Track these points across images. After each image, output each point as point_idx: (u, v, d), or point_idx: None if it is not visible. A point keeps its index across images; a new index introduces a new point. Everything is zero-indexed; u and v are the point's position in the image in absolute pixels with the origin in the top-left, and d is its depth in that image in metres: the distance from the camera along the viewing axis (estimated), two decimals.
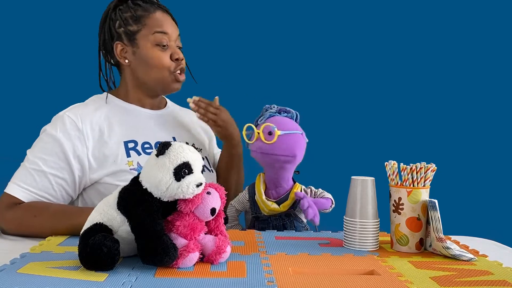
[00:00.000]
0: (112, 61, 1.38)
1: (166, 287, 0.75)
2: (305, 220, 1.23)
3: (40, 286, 0.75)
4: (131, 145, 1.28)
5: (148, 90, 1.36)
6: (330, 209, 1.20)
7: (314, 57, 2.11)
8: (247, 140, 1.20)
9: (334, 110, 2.07)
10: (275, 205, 1.18)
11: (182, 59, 1.34)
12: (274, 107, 1.22)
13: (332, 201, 1.21)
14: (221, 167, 1.46)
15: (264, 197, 1.20)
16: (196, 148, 1.38)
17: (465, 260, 0.96)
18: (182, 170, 0.84)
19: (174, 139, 1.36)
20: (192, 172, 0.85)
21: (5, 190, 1.20)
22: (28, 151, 1.25)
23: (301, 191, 1.20)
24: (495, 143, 2.11)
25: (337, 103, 2.09)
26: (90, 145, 1.24)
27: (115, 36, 1.33)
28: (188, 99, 1.36)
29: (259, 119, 1.21)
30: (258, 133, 1.16)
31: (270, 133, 1.15)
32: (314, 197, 1.21)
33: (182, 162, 0.84)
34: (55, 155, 1.22)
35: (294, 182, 1.22)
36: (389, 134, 2.05)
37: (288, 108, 1.22)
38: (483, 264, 0.93)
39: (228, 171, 1.43)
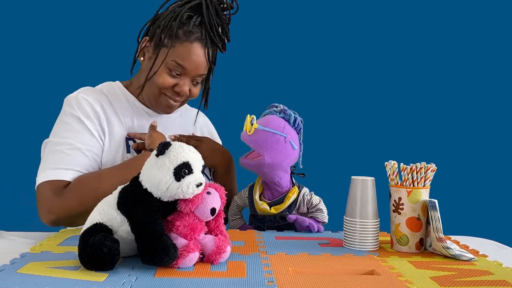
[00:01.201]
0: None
1: (166, 287, 0.75)
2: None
3: (40, 286, 0.75)
4: (131, 143, 1.28)
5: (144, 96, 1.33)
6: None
7: (314, 57, 2.11)
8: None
9: (334, 110, 2.07)
10: (265, 206, 1.18)
11: (184, 95, 1.29)
12: (279, 106, 1.22)
13: (324, 223, 1.20)
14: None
15: (256, 196, 1.20)
16: None
17: (465, 260, 0.96)
18: (182, 170, 0.84)
19: None
20: (192, 172, 0.85)
21: (42, 180, 1.15)
22: (50, 137, 1.22)
23: (297, 196, 1.19)
24: (495, 143, 2.11)
25: (337, 103, 2.09)
26: (104, 124, 1.24)
27: (150, 30, 1.28)
28: (169, 135, 1.34)
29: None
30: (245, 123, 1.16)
31: (252, 125, 1.15)
32: (308, 208, 1.19)
33: (182, 162, 0.84)
34: (83, 131, 1.21)
35: (293, 186, 1.21)
36: (389, 134, 2.05)
37: (288, 111, 1.19)
38: (483, 264, 0.93)
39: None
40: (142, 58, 1.30)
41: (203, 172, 0.89)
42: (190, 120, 1.47)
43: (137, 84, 1.34)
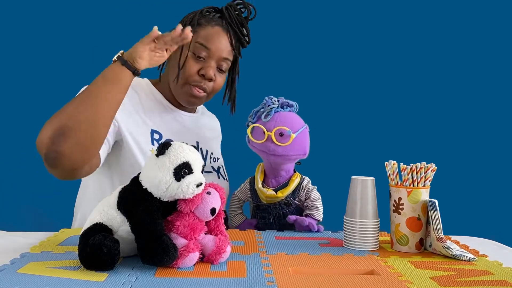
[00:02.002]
0: None
1: (166, 287, 0.75)
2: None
3: (40, 286, 0.75)
4: (156, 136, 1.29)
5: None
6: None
7: (314, 56, 2.11)
8: (252, 139, 1.19)
9: (334, 110, 2.07)
10: (271, 192, 1.19)
11: (210, 79, 1.29)
12: (275, 100, 1.22)
13: (318, 221, 1.20)
14: None
15: (260, 185, 1.21)
16: (214, 158, 1.39)
17: (465, 260, 0.96)
18: (182, 170, 0.84)
19: (198, 144, 1.37)
20: (192, 172, 0.85)
21: None
22: None
23: (300, 181, 1.21)
24: (495, 143, 2.10)
25: (337, 103, 2.09)
26: (125, 103, 1.19)
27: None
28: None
29: (262, 115, 1.20)
30: (269, 134, 1.17)
31: (281, 134, 1.16)
32: (306, 198, 1.21)
33: (182, 162, 0.84)
34: None
35: (295, 171, 1.23)
36: (389, 134, 2.04)
37: (290, 101, 1.23)
38: (483, 264, 0.93)
39: None
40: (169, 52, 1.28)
41: (204, 172, 0.89)
42: (210, 125, 1.50)
43: (166, 81, 1.35)
